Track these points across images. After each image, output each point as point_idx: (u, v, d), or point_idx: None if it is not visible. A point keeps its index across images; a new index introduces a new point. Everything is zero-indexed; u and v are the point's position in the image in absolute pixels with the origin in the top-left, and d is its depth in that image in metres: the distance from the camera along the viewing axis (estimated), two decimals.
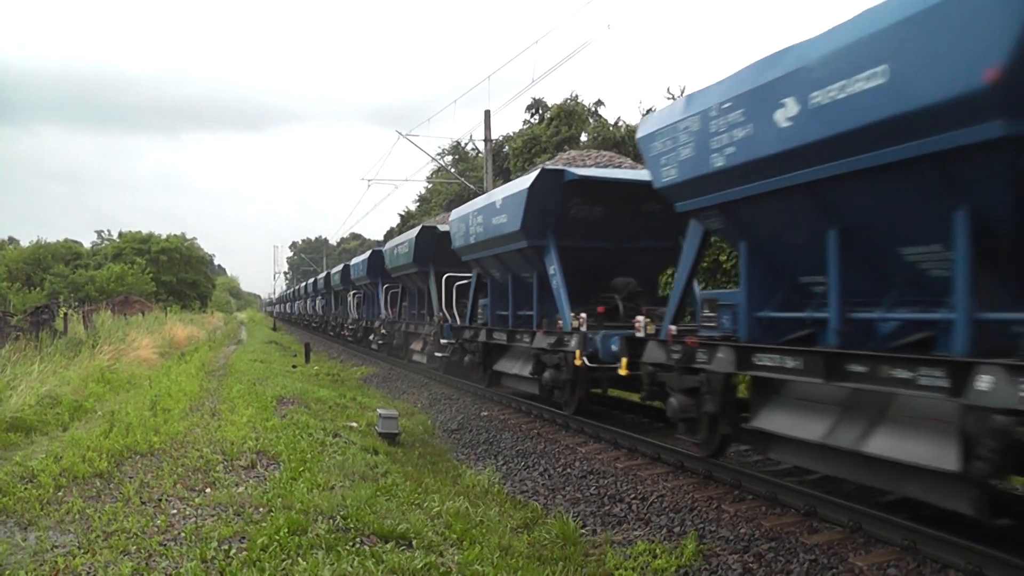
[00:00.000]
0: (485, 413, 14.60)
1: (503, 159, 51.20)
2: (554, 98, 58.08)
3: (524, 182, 13.06)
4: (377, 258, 27.91)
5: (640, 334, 9.96)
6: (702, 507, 7.71)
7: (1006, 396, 5.02)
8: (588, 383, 12.44)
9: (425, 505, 7.81)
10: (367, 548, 6.03)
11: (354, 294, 33.64)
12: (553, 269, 12.61)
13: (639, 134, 9.28)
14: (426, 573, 5.59)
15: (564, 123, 46.54)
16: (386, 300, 27.33)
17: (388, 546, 6.14)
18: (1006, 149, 4.99)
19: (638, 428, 11.03)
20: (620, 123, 45.44)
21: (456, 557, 6.11)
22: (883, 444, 6.18)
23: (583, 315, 11.71)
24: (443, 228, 20.09)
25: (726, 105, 7.42)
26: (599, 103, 51.38)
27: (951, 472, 5.51)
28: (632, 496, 8.46)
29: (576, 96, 49.15)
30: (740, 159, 7.26)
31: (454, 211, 17.52)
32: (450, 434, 13.53)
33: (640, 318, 10.10)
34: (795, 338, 7.61)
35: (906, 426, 6.12)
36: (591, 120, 48.26)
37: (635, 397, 12.53)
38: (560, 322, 12.33)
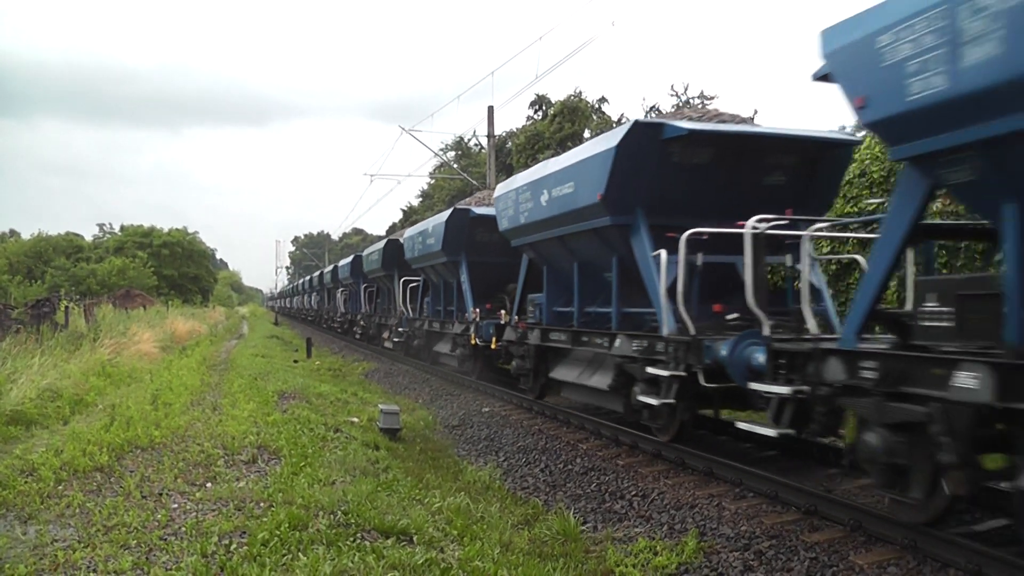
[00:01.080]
0: (486, 409, 14.59)
1: (506, 155, 51.16)
2: (558, 94, 58.04)
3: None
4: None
5: (503, 321, 15.08)
6: (703, 504, 7.70)
7: (625, 349, 9.98)
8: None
9: (426, 501, 7.81)
10: (368, 544, 6.02)
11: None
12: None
13: (496, 193, 13.99)
14: (427, 569, 5.58)
15: (567, 119, 46.46)
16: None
17: (389, 542, 6.14)
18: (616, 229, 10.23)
19: (639, 425, 11.01)
20: (624, 120, 45.40)
21: (457, 553, 6.10)
22: (594, 379, 11.24)
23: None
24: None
25: (524, 189, 12.93)
26: (603, 100, 51.27)
27: (606, 389, 10.74)
28: (633, 493, 8.45)
29: (580, 92, 49.06)
30: (531, 219, 12.63)
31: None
32: (451, 430, 13.53)
33: (502, 311, 15.25)
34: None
35: (599, 368, 11.23)
36: (594, 117, 48.18)
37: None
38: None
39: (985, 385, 5.11)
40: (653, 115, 46.06)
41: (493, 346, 15.38)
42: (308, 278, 58.40)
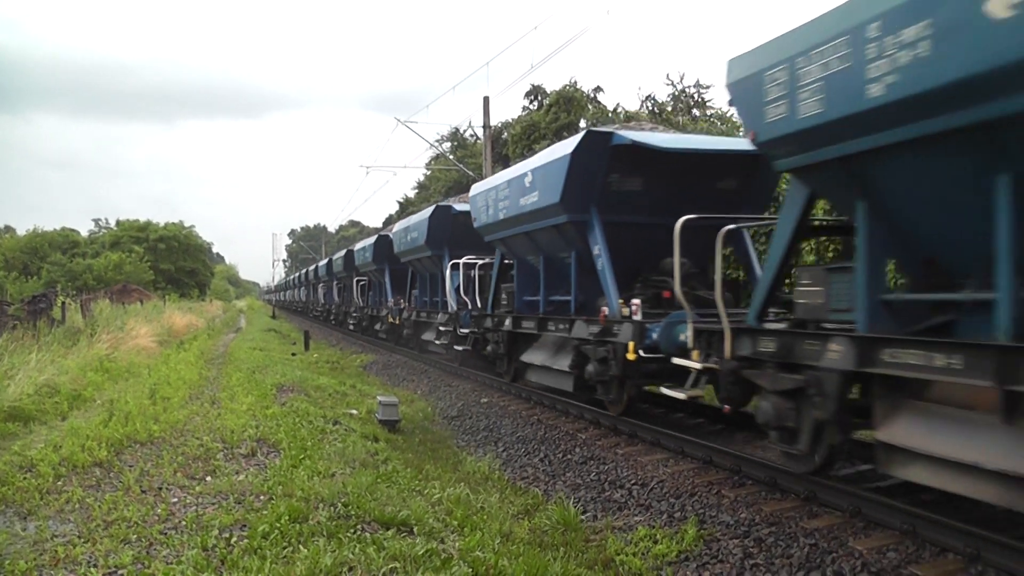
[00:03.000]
0: (485, 400, 14.61)
1: (502, 145, 51.11)
2: (553, 84, 57.94)
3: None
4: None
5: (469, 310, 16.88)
6: (702, 492, 7.72)
7: (582, 333, 11.20)
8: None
9: (426, 492, 7.81)
10: (368, 535, 6.03)
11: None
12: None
13: (471, 193, 14.70)
14: (427, 559, 5.58)
15: (563, 109, 46.44)
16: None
17: (389, 533, 6.14)
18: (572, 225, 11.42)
19: (638, 415, 11.03)
20: (619, 109, 45.36)
21: (457, 543, 6.11)
22: (558, 361, 12.29)
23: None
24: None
25: (495, 189, 13.98)
26: (598, 89, 51.24)
27: (567, 370, 11.82)
28: (632, 482, 8.47)
29: (575, 82, 49.01)
30: (502, 217, 13.67)
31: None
32: (450, 421, 13.54)
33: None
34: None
35: (561, 352, 12.37)
36: (590, 106, 48.13)
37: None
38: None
39: (848, 356, 6.29)
40: (649, 104, 46.06)
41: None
42: (304, 271, 58.51)
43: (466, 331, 16.97)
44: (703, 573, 6.12)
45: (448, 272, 18.51)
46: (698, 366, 8.29)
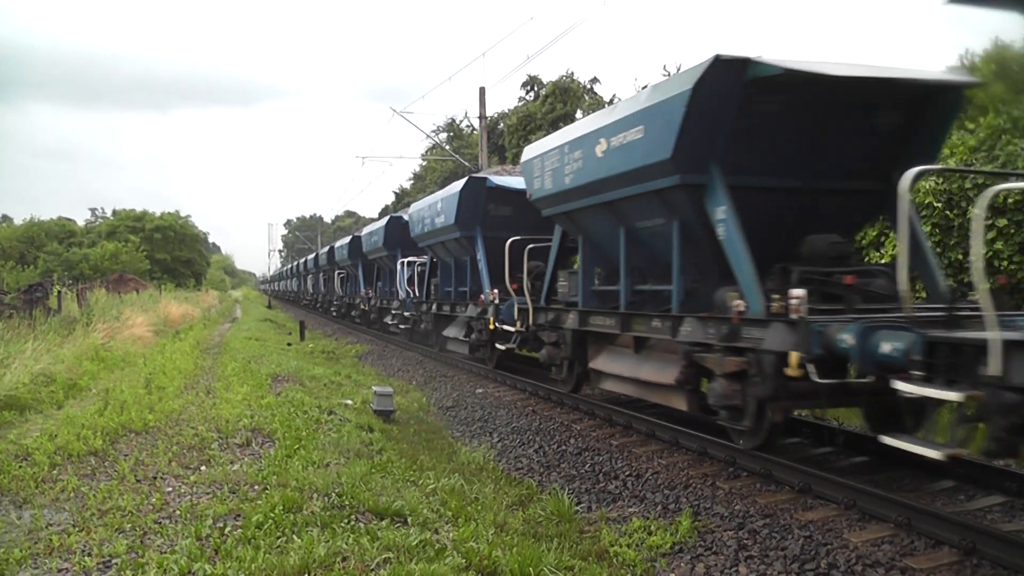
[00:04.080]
0: (480, 391, 14.60)
1: (498, 136, 51.05)
2: (549, 75, 57.87)
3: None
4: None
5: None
6: (697, 484, 7.73)
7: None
8: None
9: (420, 482, 7.81)
10: (362, 525, 6.03)
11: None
12: None
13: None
14: (421, 550, 5.59)
15: (559, 100, 46.34)
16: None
17: (383, 523, 6.14)
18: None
19: (633, 405, 11.03)
20: (616, 100, 45.25)
21: (451, 534, 6.11)
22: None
23: None
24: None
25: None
26: (595, 80, 51.12)
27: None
28: (627, 473, 8.48)
29: (571, 73, 48.92)
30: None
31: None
32: (445, 411, 13.54)
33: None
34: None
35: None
36: (586, 97, 48.05)
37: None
38: None
39: (575, 320, 11.28)
40: None
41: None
42: (302, 260, 58.33)
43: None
44: (697, 565, 6.12)
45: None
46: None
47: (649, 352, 10.16)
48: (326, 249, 42.73)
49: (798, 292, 7.05)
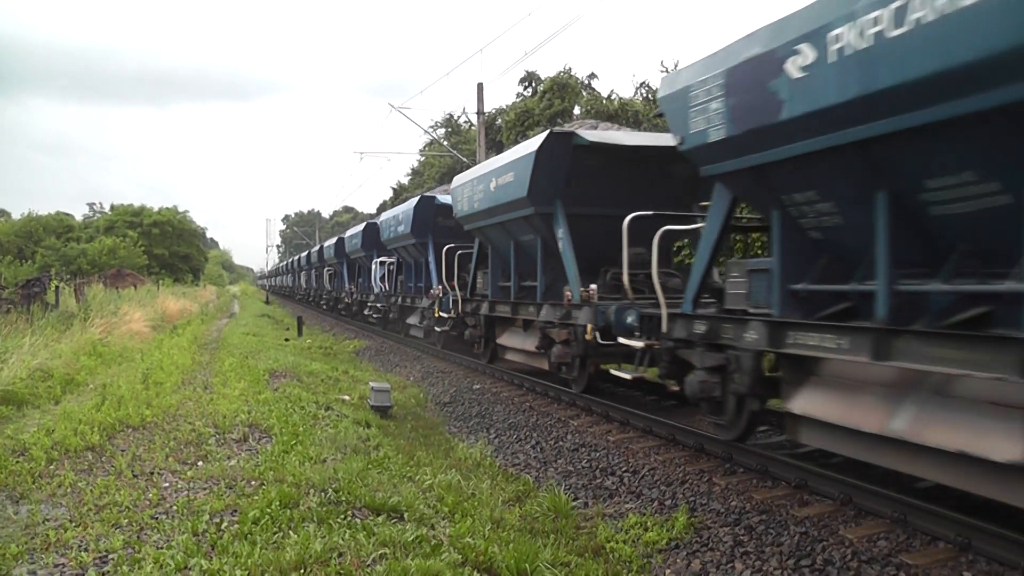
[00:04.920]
0: (477, 386, 14.61)
1: (496, 132, 50.98)
2: (547, 71, 57.85)
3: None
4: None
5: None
6: (693, 480, 7.74)
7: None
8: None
9: (417, 478, 7.82)
10: (359, 521, 6.04)
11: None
12: None
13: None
14: (417, 546, 5.60)
15: (557, 96, 46.31)
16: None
17: (380, 519, 6.16)
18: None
19: (630, 401, 11.05)
20: (613, 96, 45.26)
21: (448, 530, 6.12)
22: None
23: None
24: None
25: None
26: (592, 76, 51.21)
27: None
28: (624, 469, 8.48)
29: (569, 69, 48.90)
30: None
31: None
32: (442, 407, 13.55)
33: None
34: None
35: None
36: (584, 93, 48.03)
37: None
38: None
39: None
40: (644, 92, 45.94)
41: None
42: (304, 254, 58.40)
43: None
44: (693, 561, 6.13)
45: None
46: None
47: (531, 330, 13.45)
48: (318, 248, 45.68)
49: (592, 286, 10.92)
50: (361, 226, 29.87)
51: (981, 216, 5.48)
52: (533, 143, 11.88)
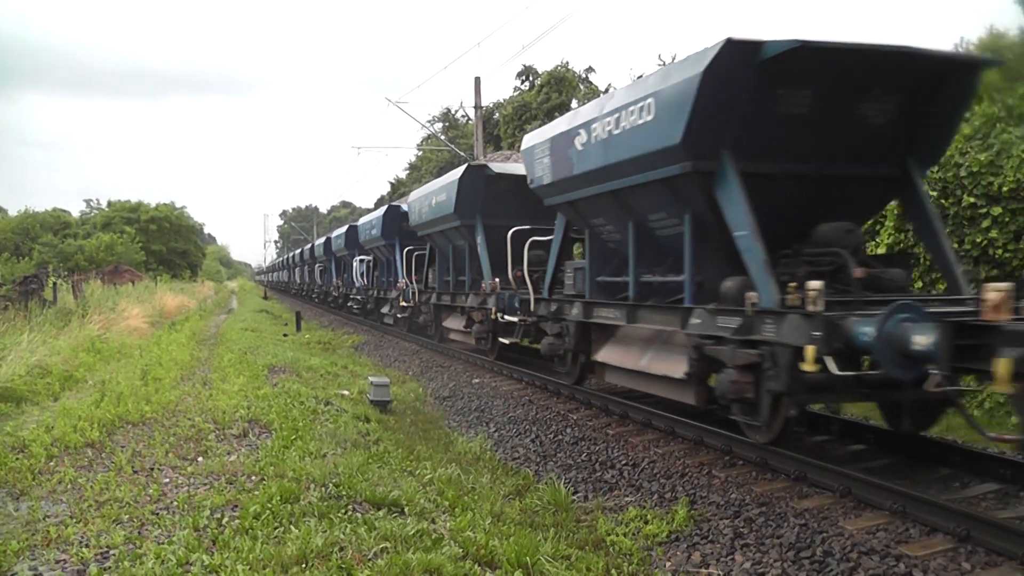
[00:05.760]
0: (476, 380, 14.61)
1: (493, 126, 50.94)
2: (544, 65, 57.77)
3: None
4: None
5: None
6: (693, 473, 7.74)
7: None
8: None
9: (417, 472, 7.83)
10: (359, 515, 6.04)
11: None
12: None
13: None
14: (418, 540, 5.60)
15: (554, 90, 46.29)
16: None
17: (380, 513, 6.16)
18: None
19: (629, 394, 11.04)
20: (611, 90, 45.16)
21: (448, 524, 6.13)
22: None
23: None
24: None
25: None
26: (590, 70, 51.12)
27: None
28: (623, 462, 8.49)
29: (566, 63, 48.84)
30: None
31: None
32: (442, 401, 13.55)
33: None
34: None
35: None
36: (581, 87, 47.99)
37: None
38: None
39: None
40: None
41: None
42: (298, 251, 58.38)
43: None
44: (693, 553, 6.14)
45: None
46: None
47: (464, 314, 15.85)
48: (310, 245, 47.60)
49: (497, 279, 13.04)
50: (344, 228, 33.46)
51: (675, 238, 8.81)
52: (456, 173, 15.70)
